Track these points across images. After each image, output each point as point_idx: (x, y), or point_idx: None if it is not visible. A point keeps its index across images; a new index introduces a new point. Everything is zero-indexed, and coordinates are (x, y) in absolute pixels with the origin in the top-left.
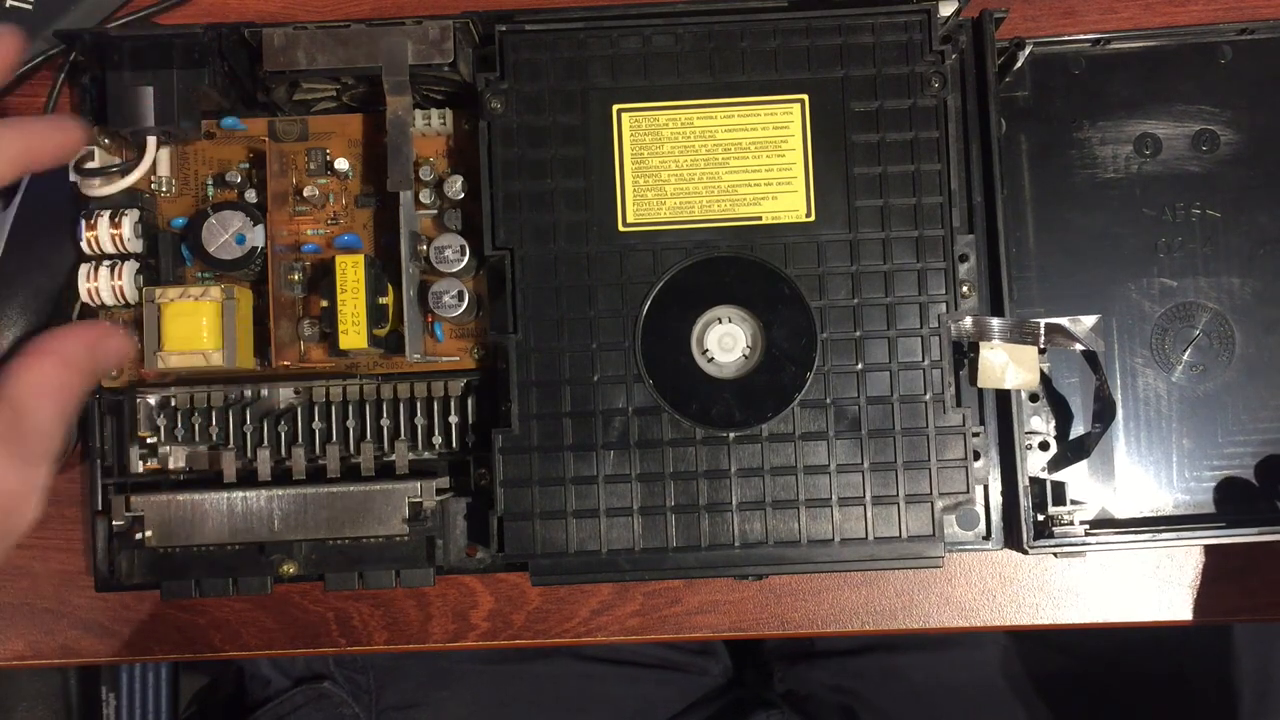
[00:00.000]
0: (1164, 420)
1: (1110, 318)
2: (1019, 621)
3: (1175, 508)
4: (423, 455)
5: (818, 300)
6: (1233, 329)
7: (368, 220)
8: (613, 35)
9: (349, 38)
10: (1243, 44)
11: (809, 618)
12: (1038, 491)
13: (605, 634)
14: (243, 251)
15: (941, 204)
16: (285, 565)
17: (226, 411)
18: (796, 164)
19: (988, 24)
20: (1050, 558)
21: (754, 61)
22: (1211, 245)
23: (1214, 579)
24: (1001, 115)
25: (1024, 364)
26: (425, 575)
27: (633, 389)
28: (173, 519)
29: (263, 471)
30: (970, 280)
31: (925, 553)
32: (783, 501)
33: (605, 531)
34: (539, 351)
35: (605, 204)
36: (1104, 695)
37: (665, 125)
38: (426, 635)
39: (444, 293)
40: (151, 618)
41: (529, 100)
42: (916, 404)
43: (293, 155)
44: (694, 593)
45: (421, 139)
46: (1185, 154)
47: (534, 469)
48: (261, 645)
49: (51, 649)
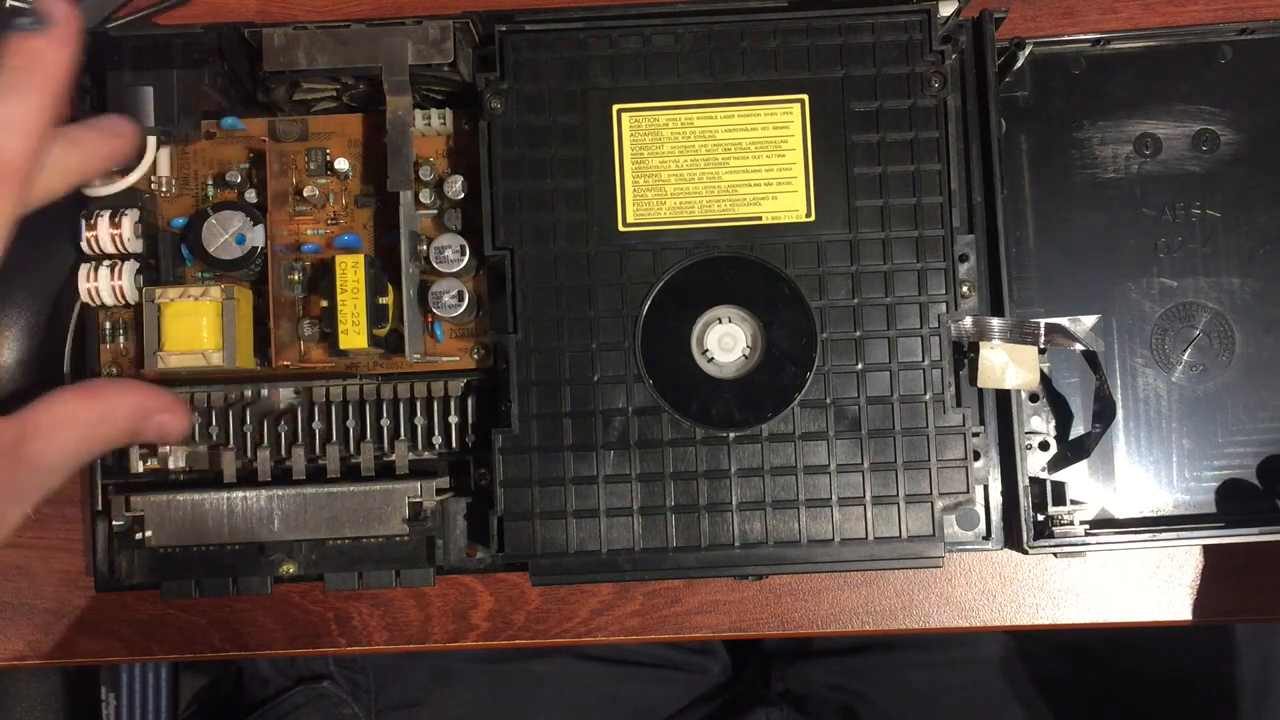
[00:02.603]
0: (1164, 420)
1: (1110, 318)
2: (1019, 621)
3: (1175, 508)
4: (423, 455)
5: (818, 300)
6: (1233, 329)
7: (368, 220)
8: (613, 35)
9: (349, 38)
10: (1243, 44)
11: (809, 618)
12: (1038, 491)
13: (605, 634)
14: (243, 251)
15: (941, 204)
16: (285, 565)
17: (226, 411)
18: (796, 164)
19: (988, 24)
20: (1050, 558)
21: (754, 61)
22: (1211, 245)
23: (1214, 579)
24: (1001, 115)
25: (1024, 364)
26: (425, 575)
27: (633, 389)
28: (173, 519)
29: (263, 471)
30: (970, 280)
31: (925, 553)
32: (783, 501)
33: (605, 531)
34: (539, 351)
35: (605, 204)
36: (1104, 695)
37: (665, 125)
38: (426, 635)
39: (444, 293)
40: (151, 618)
41: (529, 100)
42: (916, 404)
43: (293, 155)
44: (694, 593)
45: (421, 139)
46: (1185, 154)
47: (534, 469)
48: (261, 645)
49: (51, 649)
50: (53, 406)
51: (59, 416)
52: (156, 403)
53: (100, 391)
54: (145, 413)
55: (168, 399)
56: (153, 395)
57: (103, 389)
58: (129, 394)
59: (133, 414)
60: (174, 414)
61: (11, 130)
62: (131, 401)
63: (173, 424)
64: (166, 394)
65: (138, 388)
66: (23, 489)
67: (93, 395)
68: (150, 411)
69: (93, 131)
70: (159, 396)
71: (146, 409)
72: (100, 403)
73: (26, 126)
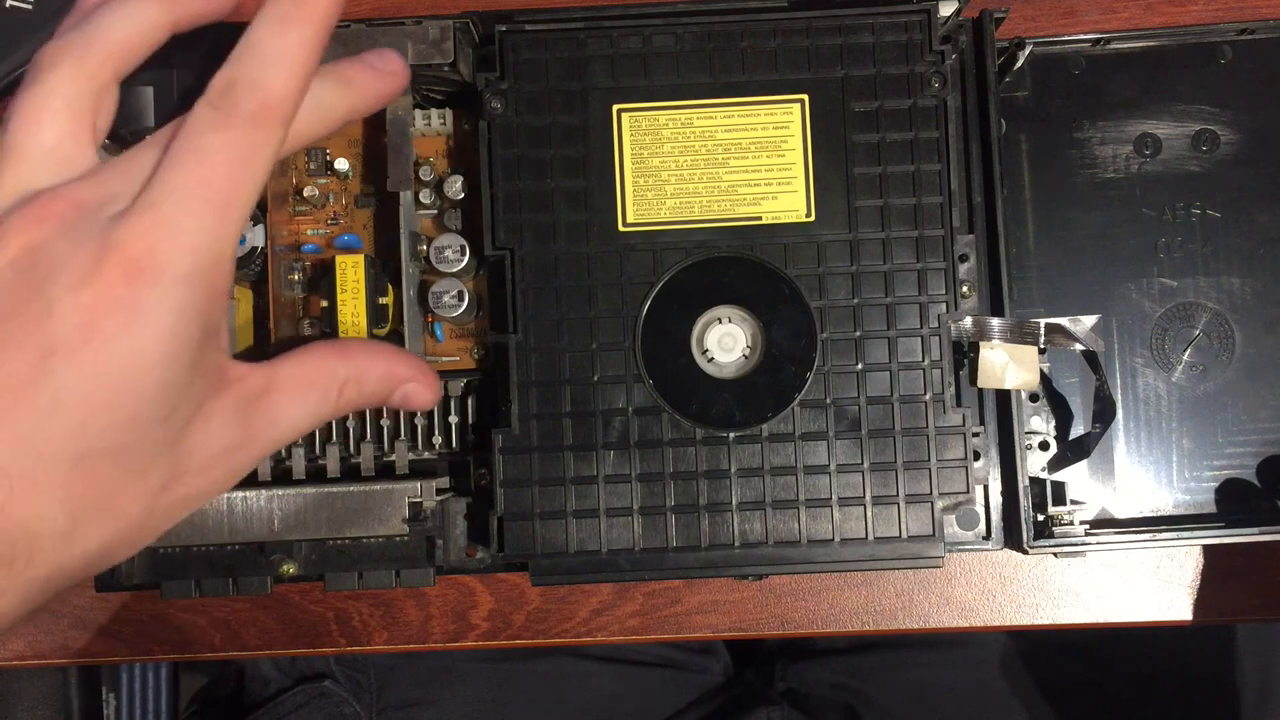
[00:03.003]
0: (1164, 420)
1: (1110, 318)
2: (1019, 621)
3: (1175, 508)
4: (423, 455)
5: (818, 300)
6: (1233, 329)
7: (368, 220)
8: (613, 35)
9: (349, 38)
10: (1243, 44)
11: (809, 618)
12: (1038, 491)
13: (605, 634)
14: (243, 251)
15: (941, 204)
16: (285, 565)
17: None
18: (796, 164)
19: (988, 24)
20: (1050, 558)
21: (754, 61)
22: (1211, 245)
23: (1214, 579)
24: (1001, 115)
25: (1024, 364)
26: (425, 575)
27: (633, 389)
28: None
29: (262, 471)
30: (970, 280)
31: (925, 553)
32: (783, 501)
33: (605, 531)
34: (539, 351)
35: (605, 204)
36: (1104, 695)
37: (665, 125)
38: (426, 635)
39: (444, 293)
40: (151, 618)
41: (529, 100)
42: (916, 404)
43: (292, 155)
44: (694, 593)
45: (421, 139)
46: (1185, 154)
47: (534, 469)
48: (261, 645)
49: (51, 649)
50: (303, 362)
51: (309, 373)
52: (408, 370)
53: (353, 353)
54: (395, 380)
55: (419, 367)
56: (406, 362)
57: (356, 350)
58: (381, 358)
59: (383, 380)
60: (423, 383)
61: (279, 66)
62: (384, 367)
63: (420, 394)
64: (418, 361)
65: (391, 352)
66: (257, 440)
67: (346, 356)
68: (401, 379)
69: (365, 70)
70: (411, 364)
71: (397, 376)
72: (351, 364)
73: (296, 62)
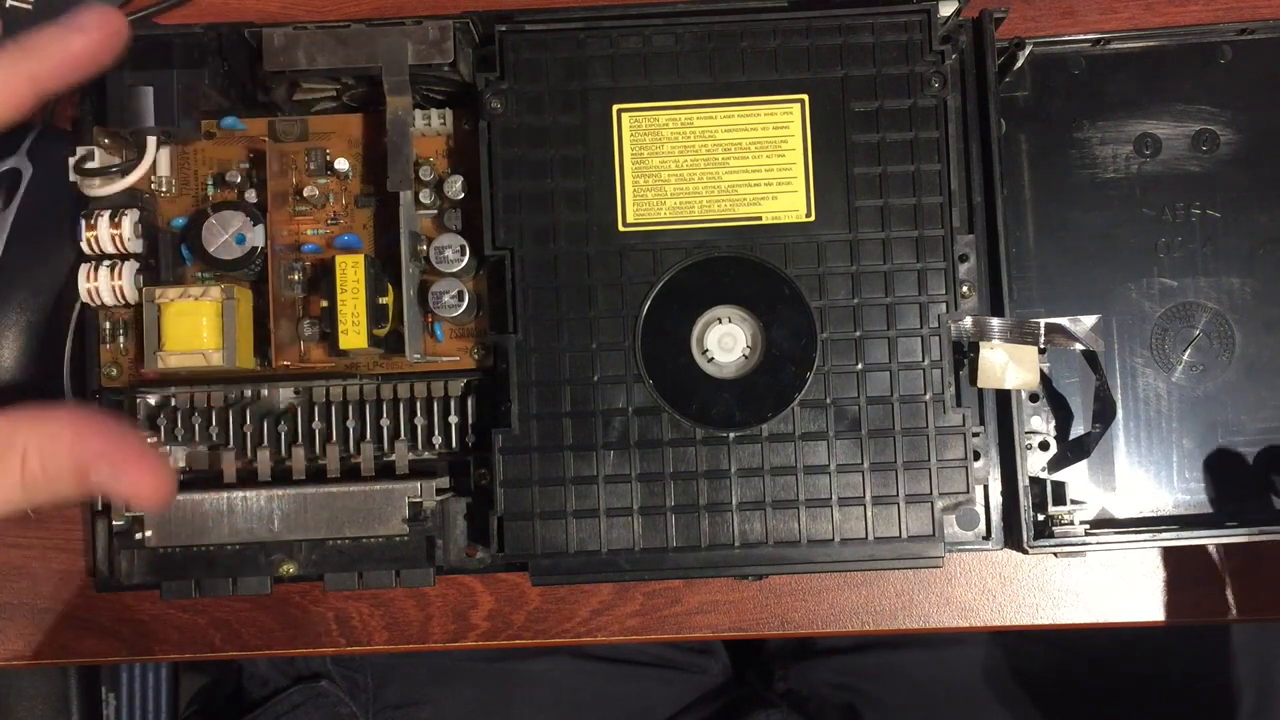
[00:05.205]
0: (1164, 420)
1: (1110, 318)
2: (1019, 621)
3: (1175, 508)
4: (423, 455)
5: (818, 300)
6: (1233, 329)
7: (368, 220)
8: (613, 35)
9: (349, 38)
10: (1243, 44)
11: (809, 618)
12: (1038, 491)
13: (605, 634)
14: (243, 251)
15: (941, 204)
16: (285, 565)
17: (226, 411)
18: (796, 164)
19: (988, 24)
20: (1050, 558)
21: (754, 61)
22: (1211, 245)
23: (1214, 579)
24: (1001, 115)
25: (1024, 364)
26: (425, 575)
27: (633, 389)
28: (173, 519)
29: (263, 472)
30: (970, 280)
31: (925, 553)
32: (783, 501)
33: (605, 531)
34: (539, 351)
35: (605, 204)
36: (1104, 695)
37: (665, 125)
38: (426, 635)
39: (444, 293)
40: (151, 618)
41: (529, 100)
42: (916, 404)
43: (293, 155)
44: (694, 593)
45: (421, 139)
46: (1185, 154)
47: (534, 469)
48: (261, 645)
49: (51, 649)
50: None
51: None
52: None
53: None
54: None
55: (148, 455)
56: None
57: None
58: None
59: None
60: (136, 467)
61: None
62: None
63: (148, 485)
64: (147, 452)
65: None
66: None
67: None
68: (116, 460)
69: (50, 32)
70: (137, 448)
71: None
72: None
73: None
